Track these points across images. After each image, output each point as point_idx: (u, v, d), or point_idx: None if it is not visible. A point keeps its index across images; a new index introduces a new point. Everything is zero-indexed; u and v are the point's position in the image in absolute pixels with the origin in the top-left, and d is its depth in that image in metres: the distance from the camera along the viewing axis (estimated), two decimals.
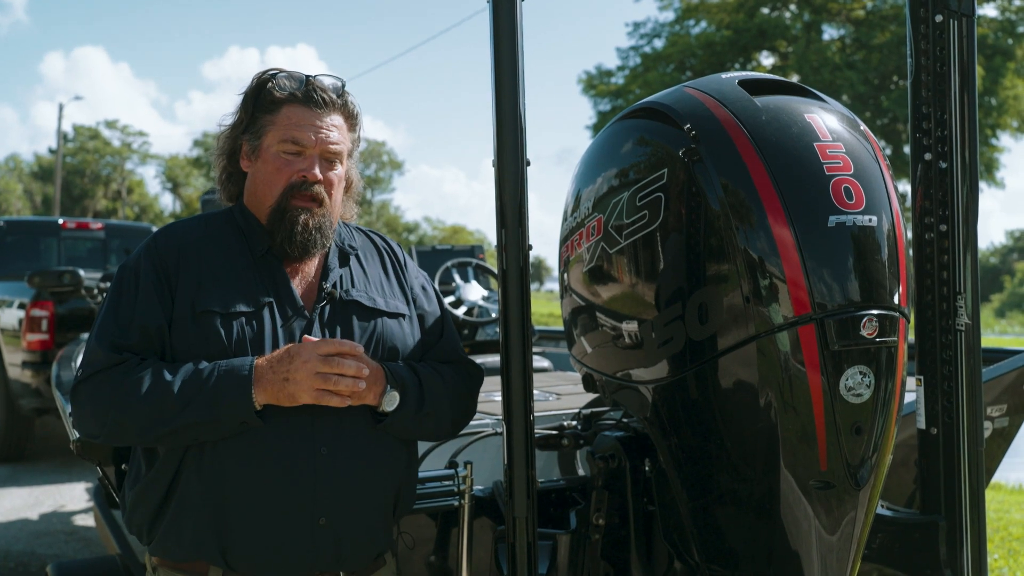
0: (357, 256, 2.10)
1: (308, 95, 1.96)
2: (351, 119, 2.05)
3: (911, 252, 2.28)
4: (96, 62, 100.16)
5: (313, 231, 1.95)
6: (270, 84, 1.97)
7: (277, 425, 1.83)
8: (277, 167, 1.95)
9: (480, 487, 2.53)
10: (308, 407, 1.84)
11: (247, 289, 1.91)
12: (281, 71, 2.00)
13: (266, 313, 1.90)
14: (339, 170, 2.01)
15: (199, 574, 1.88)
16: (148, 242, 1.99)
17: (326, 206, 1.98)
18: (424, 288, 2.17)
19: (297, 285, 1.98)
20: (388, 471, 1.96)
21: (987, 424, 3.01)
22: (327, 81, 2.01)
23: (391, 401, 1.91)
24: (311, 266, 2.02)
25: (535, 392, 2.11)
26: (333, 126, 1.98)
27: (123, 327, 1.88)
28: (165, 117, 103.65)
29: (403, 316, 2.05)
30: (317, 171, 1.95)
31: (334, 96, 1.99)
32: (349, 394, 1.83)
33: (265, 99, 1.98)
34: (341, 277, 2.02)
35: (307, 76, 1.99)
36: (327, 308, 1.96)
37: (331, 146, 1.97)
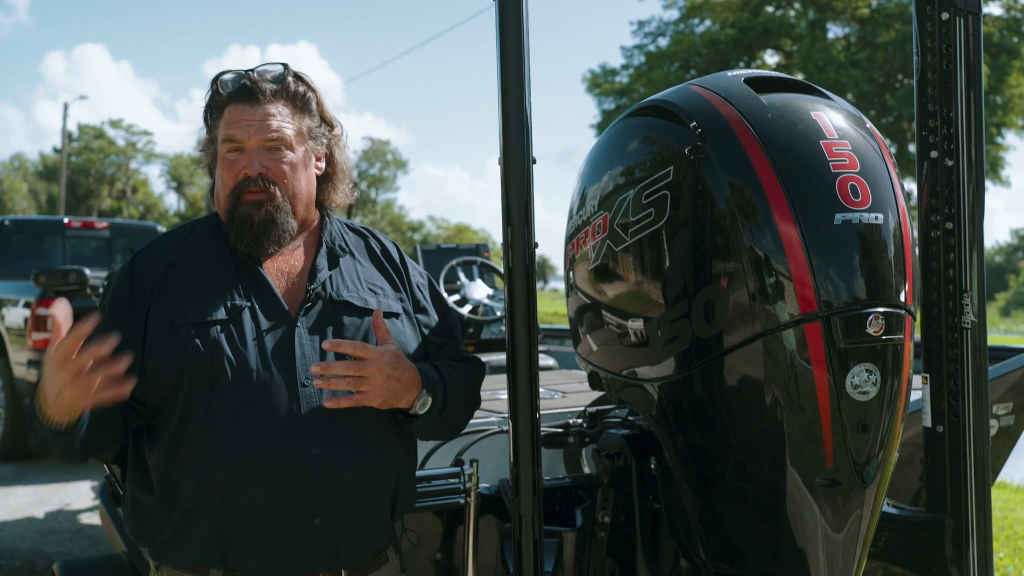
0: (351, 255, 2.07)
1: (243, 90, 1.94)
2: (296, 101, 1.99)
3: (917, 250, 2.28)
4: (97, 61, 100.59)
5: (260, 225, 1.92)
6: (215, 88, 1.98)
7: (266, 427, 1.83)
8: (225, 169, 1.95)
9: (486, 485, 2.54)
10: (295, 407, 1.83)
11: (226, 296, 1.90)
12: (227, 72, 1.99)
13: (246, 317, 1.89)
14: (289, 156, 1.96)
15: (200, 575, 1.89)
16: (128, 262, 1.99)
17: (276, 197, 1.94)
18: (421, 287, 2.14)
19: (281, 288, 1.96)
20: (382, 468, 1.94)
21: (993, 422, 3.01)
22: (268, 70, 1.98)
23: (424, 405, 1.91)
24: (297, 267, 2.00)
25: (540, 390, 2.12)
26: (270, 115, 1.94)
27: None
28: (167, 116, 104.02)
29: (396, 316, 2.02)
30: (254, 165, 1.92)
31: (272, 85, 1.96)
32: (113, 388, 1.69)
33: (214, 105, 1.99)
34: (331, 277, 1.99)
35: (246, 71, 1.97)
36: (313, 309, 1.94)
37: (269, 135, 1.93)
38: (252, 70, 1.97)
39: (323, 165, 2.06)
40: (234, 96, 1.95)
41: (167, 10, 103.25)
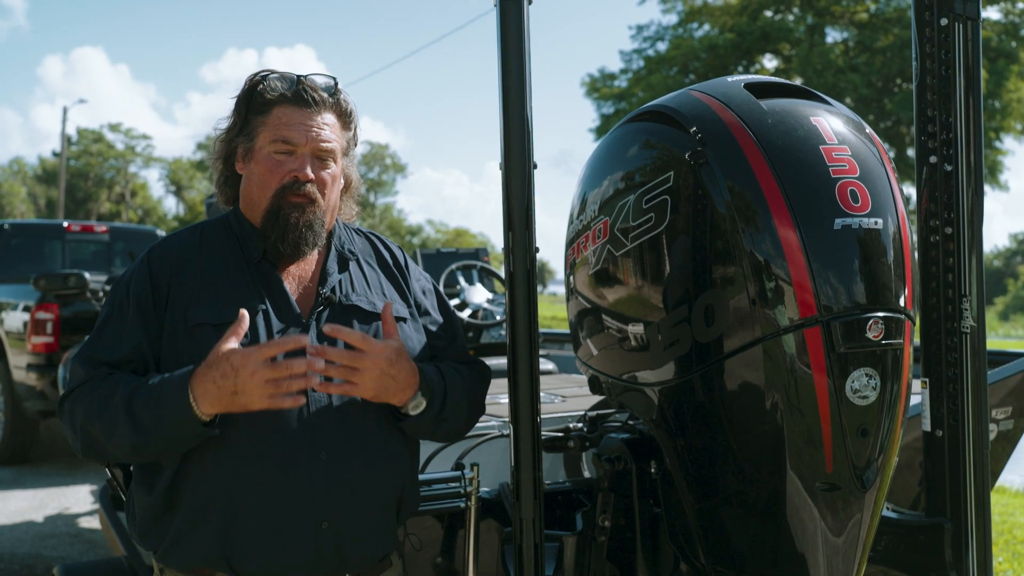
0: (358, 260, 2.08)
1: (298, 95, 1.95)
2: (344, 117, 2.03)
3: (916, 254, 2.29)
4: (95, 64, 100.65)
5: (303, 228, 1.93)
6: (261, 86, 1.97)
7: (276, 431, 1.83)
8: (269, 168, 1.95)
9: (487, 489, 2.54)
10: (305, 411, 1.84)
11: (241, 298, 1.90)
12: (272, 72, 1.99)
13: (260, 321, 1.89)
14: (332, 168, 1.99)
15: None
16: (143, 257, 1.99)
17: (319, 204, 1.96)
18: (426, 291, 2.16)
19: (294, 291, 1.97)
20: (389, 473, 1.95)
21: (992, 427, 3.01)
22: (319, 80, 1.99)
23: (417, 407, 1.90)
24: (309, 271, 2.01)
25: (541, 394, 2.12)
26: (325, 124, 1.97)
27: (106, 343, 1.89)
28: (165, 119, 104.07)
29: (404, 320, 2.04)
30: (308, 170, 1.94)
31: (325, 95, 1.98)
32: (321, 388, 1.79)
33: (257, 101, 1.97)
34: (340, 282, 2.01)
35: (298, 76, 1.98)
36: (325, 314, 1.95)
37: (323, 144, 1.95)
38: (304, 76, 1.98)
39: (343, 181, 2.08)
40: (288, 98, 1.95)
41: (164, 13, 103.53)
